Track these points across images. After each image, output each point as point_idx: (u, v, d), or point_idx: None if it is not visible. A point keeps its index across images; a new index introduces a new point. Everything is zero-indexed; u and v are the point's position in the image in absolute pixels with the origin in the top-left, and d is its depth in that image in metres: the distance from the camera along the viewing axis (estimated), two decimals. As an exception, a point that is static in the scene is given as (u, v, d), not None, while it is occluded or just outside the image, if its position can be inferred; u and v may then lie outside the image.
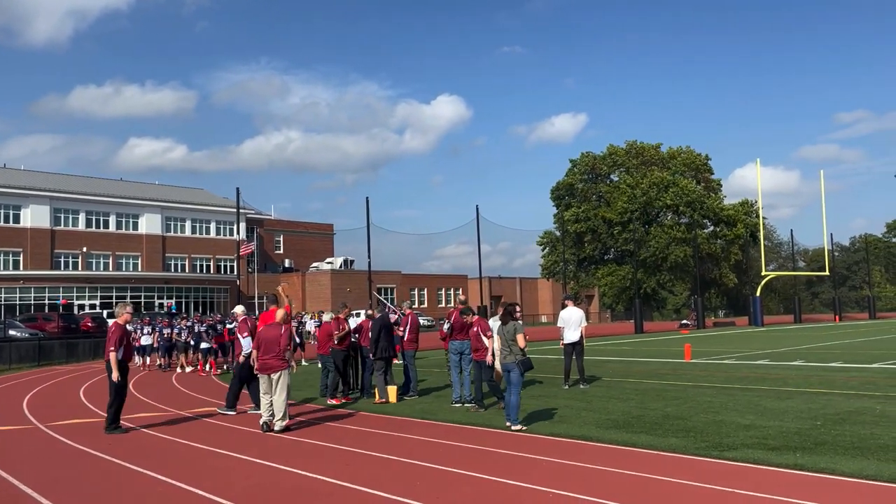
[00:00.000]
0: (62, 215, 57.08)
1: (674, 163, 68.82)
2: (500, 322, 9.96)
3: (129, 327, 11.31)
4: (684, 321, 46.32)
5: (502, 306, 10.33)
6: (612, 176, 72.38)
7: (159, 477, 7.03)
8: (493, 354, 10.87)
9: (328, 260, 69.25)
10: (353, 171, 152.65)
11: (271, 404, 9.32)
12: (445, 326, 12.18)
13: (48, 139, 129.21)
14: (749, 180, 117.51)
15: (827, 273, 53.02)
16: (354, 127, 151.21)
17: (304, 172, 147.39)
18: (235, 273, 36.26)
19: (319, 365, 13.46)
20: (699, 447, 7.90)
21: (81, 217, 57.99)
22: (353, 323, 14.20)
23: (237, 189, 33.84)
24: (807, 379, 14.32)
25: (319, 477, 6.88)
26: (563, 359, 14.17)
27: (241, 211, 66.00)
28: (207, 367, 19.85)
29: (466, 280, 73.88)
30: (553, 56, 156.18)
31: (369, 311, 14.88)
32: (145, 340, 23.08)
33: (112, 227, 59.60)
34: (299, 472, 7.14)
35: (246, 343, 11.41)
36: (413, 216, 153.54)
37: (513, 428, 9.32)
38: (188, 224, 64.23)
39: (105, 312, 41.26)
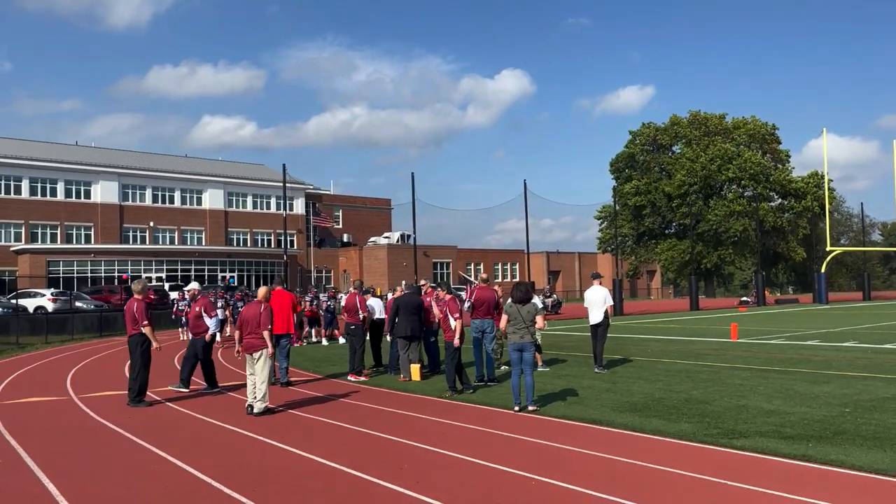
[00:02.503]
0: (130, 191, 59.24)
1: (738, 133, 66.17)
2: (511, 300, 9.76)
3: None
4: (744, 298, 44.89)
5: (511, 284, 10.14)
6: (674, 148, 70.21)
7: (160, 453, 7.22)
8: (460, 337, 10.59)
9: (385, 234, 69.81)
10: (417, 146, 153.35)
11: (254, 385, 9.32)
12: (466, 305, 12.09)
13: (127, 118, 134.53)
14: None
15: (897, 248, 50.33)
16: (418, 102, 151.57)
17: (367, 148, 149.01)
18: (283, 247, 37.14)
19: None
20: (710, 434, 7.61)
21: (148, 193, 60.09)
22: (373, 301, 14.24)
23: (283, 165, 34.36)
24: (852, 362, 13.65)
25: (310, 456, 6.94)
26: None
27: (300, 186, 67.38)
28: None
29: (524, 254, 73.38)
30: (619, 27, 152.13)
31: (401, 287, 14.83)
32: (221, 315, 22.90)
33: (177, 203, 61.57)
34: (294, 450, 7.22)
35: (213, 323, 11.37)
36: (475, 190, 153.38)
37: (529, 409, 9.20)
38: (249, 199, 65.79)
39: (167, 285, 42.75)
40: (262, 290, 9.86)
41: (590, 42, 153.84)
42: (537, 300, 13.38)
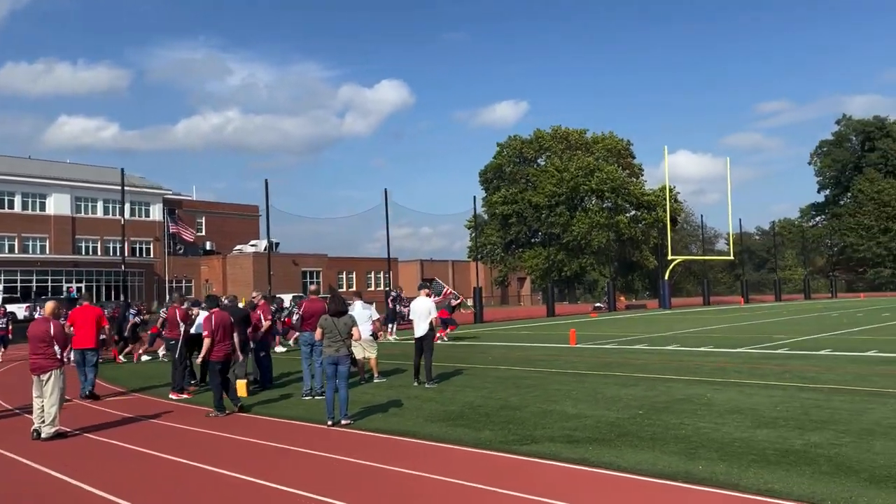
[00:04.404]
0: (-38, 195, 54.16)
1: (597, 147, 69.86)
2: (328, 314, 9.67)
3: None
4: (597, 304, 47.23)
5: (323, 294, 10.04)
6: (538, 160, 73.01)
7: None
8: (204, 355, 10.11)
9: (252, 242, 67.70)
10: (295, 152, 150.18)
11: (42, 409, 8.69)
12: (294, 317, 11.89)
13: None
14: (679, 167, 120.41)
15: (731, 258, 54.87)
16: (295, 108, 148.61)
17: (242, 153, 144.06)
18: (121, 255, 35.26)
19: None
20: (505, 441, 7.85)
21: (-16, 197, 55.16)
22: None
23: (122, 169, 32.33)
24: (666, 364, 14.59)
25: (84, 486, 6.53)
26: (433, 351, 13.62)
27: (157, 192, 64.24)
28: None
29: (398, 263, 73.45)
30: (496, 43, 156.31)
31: (225, 301, 14.31)
32: None
33: (17, 208, 56.81)
34: (70, 480, 6.76)
35: None
36: (356, 197, 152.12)
37: (343, 422, 9.14)
38: (100, 205, 61.82)
39: (1, 297, 39.37)
40: (49, 306, 9.17)
41: (467, 57, 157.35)
42: (366, 310, 13.37)
